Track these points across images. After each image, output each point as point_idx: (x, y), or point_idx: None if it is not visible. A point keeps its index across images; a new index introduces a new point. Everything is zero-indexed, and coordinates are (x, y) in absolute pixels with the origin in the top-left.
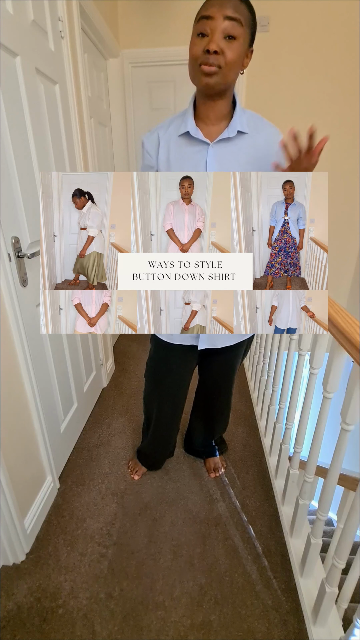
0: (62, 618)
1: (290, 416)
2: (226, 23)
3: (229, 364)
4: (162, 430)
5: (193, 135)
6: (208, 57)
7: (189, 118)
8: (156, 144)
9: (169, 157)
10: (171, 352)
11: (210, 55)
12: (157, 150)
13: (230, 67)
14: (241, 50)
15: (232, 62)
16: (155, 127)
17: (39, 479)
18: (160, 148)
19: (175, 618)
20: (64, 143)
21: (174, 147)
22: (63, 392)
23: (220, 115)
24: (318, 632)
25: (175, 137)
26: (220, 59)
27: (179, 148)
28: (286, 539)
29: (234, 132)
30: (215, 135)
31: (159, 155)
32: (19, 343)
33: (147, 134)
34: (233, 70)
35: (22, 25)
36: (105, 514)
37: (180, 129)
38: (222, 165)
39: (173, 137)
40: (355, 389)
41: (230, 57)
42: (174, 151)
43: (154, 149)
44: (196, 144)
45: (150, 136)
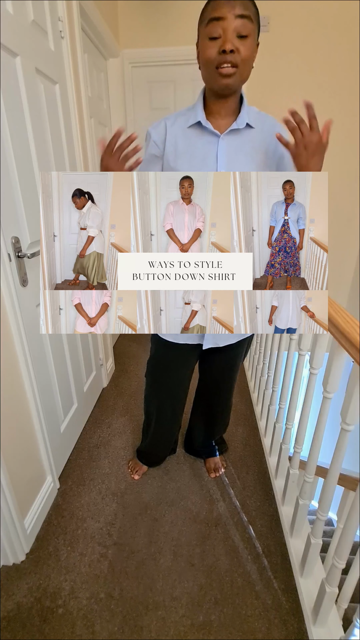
0: (62, 618)
1: (290, 416)
2: (237, 21)
3: (229, 363)
4: (162, 429)
5: (204, 125)
6: (225, 57)
7: (200, 110)
8: (163, 133)
9: (176, 148)
10: (172, 351)
11: (227, 55)
12: (164, 140)
13: (246, 64)
14: (253, 46)
15: (248, 59)
16: (161, 119)
17: (39, 479)
18: (168, 139)
19: (175, 618)
20: (64, 143)
21: (182, 139)
22: (63, 392)
23: (230, 111)
24: (318, 632)
25: (183, 128)
26: (237, 57)
27: (188, 139)
28: (286, 539)
29: (243, 124)
30: (224, 128)
31: (166, 145)
32: (19, 343)
33: (154, 123)
34: (248, 67)
35: (22, 25)
36: (106, 514)
37: (190, 120)
38: (232, 157)
39: (181, 129)
40: (355, 389)
41: (245, 55)
42: (182, 142)
43: (161, 139)
44: (206, 136)
45: (157, 126)
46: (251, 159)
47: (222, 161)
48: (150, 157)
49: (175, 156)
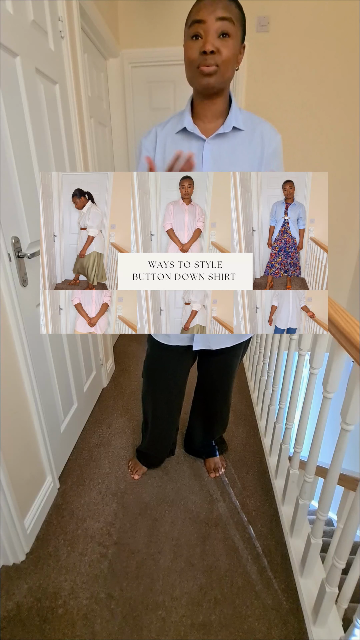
0: (62, 618)
1: (290, 416)
2: (218, 23)
3: (227, 364)
4: (159, 429)
5: (190, 130)
6: (205, 58)
7: (187, 116)
8: (154, 141)
9: (164, 153)
10: (167, 352)
11: (207, 55)
12: (154, 146)
13: (227, 64)
14: (235, 47)
15: (228, 60)
16: (152, 127)
17: (39, 479)
18: (158, 145)
19: (175, 618)
20: (64, 143)
21: (170, 144)
22: (63, 392)
23: (217, 113)
24: (318, 632)
25: (172, 134)
26: (217, 57)
27: (175, 144)
28: (286, 539)
29: (229, 128)
30: (211, 132)
31: (156, 151)
32: (19, 343)
33: (145, 133)
34: (230, 67)
35: (22, 25)
36: (106, 514)
37: (177, 126)
38: (218, 161)
39: (170, 135)
40: (355, 389)
41: (226, 55)
42: (170, 147)
43: (152, 146)
44: (193, 140)
45: (148, 135)
46: (237, 163)
47: (207, 166)
48: (144, 167)
49: (163, 161)
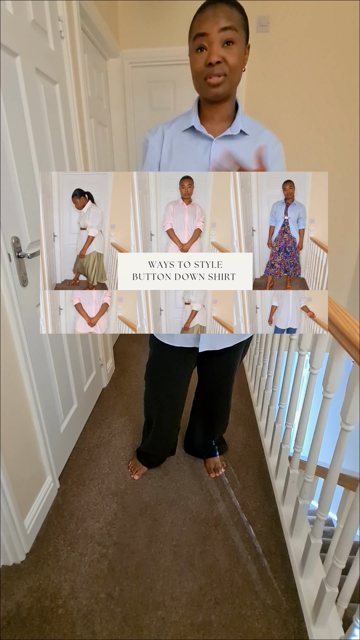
0: (62, 618)
1: (290, 416)
2: (222, 34)
3: (228, 364)
4: (162, 431)
5: (197, 129)
6: (212, 69)
7: (194, 116)
8: (161, 137)
9: (171, 150)
10: (170, 354)
11: (214, 66)
12: (161, 144)
13: (234, 71)
14: (240, 52)
15: (235, 67)
16: (159, 125)
17: (39, 479)
18: (164, 142)
19: (175, 618)
20: (64, 143)
21: (176, 142)
22: (63, 392)
23: (224, 117)
24: (318, 632)
25: (178, 132)
26: (224, 67)
27: (182, 142)
28: (286, 539)
29: (237, 131)
30: (218, 133)
31: (163, 149)
32: (19, 343)
33: (152, 130)
34: (237, 73)
35: (22, 25)
36: (106, 514)
37: (184, 124)
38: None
39: (177, 133)
40: (355, 389)
41: (232, 62)
42: (176, 145)
43: (159, 143)
44: (200, 139)
45: (155, 132)
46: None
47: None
48: (149, 164)
49: (169, 157)
